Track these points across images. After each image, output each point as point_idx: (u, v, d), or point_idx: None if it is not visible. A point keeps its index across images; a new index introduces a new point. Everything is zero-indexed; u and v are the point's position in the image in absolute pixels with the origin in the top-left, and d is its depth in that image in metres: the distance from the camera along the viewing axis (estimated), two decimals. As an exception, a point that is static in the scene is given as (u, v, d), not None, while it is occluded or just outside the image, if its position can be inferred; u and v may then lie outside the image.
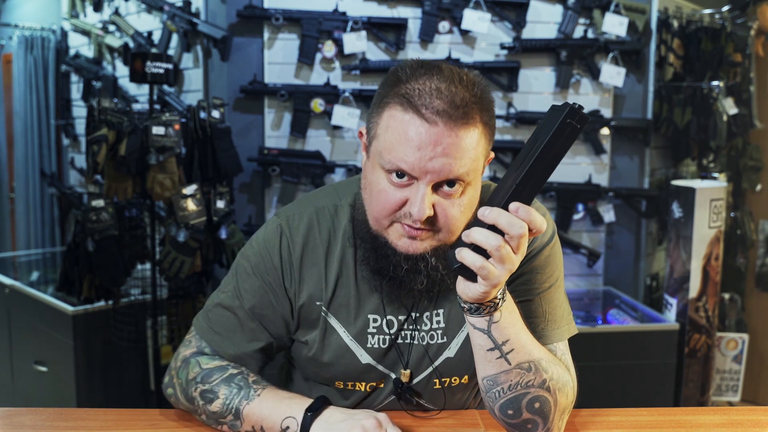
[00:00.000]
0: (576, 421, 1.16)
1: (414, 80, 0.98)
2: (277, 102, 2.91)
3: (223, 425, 1.09)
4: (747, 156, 3.53)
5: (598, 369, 2.69)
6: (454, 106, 0.95)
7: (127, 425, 1.13)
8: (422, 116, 0.96)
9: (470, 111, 0.97)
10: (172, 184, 2.49)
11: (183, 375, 1.14)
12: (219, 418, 1.09)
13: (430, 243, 1.02)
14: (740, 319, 3.45)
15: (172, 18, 2.98)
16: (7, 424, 1.13)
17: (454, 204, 1.00)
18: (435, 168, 0.96)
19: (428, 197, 0.98)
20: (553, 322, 1.11)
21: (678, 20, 3.17)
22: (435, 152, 0.95)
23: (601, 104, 3.07)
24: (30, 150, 4.00)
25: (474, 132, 0.98)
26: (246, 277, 1.15)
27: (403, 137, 0.97)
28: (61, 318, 2.71)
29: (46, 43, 3.91)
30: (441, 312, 1.14)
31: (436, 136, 0.95)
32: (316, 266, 1.13)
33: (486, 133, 1.01)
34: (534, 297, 1.11)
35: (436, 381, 1.16)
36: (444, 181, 0.98)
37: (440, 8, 2.91)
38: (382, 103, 1.01)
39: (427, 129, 0.96)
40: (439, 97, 0.96)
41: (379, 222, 1.03)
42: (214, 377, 1.10)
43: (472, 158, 0.98)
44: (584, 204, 3.05)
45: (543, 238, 1.13)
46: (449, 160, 0.96)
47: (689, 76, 3.22)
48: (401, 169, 0.98)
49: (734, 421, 1.16)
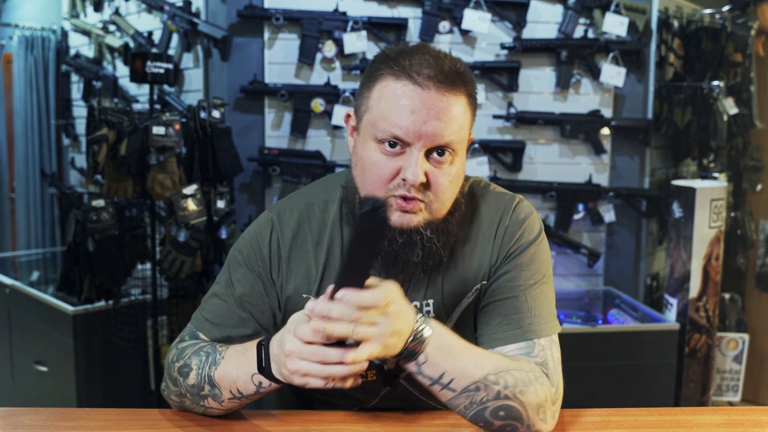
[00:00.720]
0: (576, 421, 1.16)
1: (402, 55, 1.03)
2: (277, 102, 2.91)
3: (206, 399, 1.10)
4: (747, 156, 3.53)
5: (598, 369, 2.69)
6: (443, 74, 1.01)
7: (127, 425, 1.13)
8: (415, 82, 1.01)
9: (457, 80, 1.03)
10: (173, 184, 2.49)
11: (166, 361, 1.17)
12: (199, 392, 1.09)
13: (424, 216, 1.06)
14: (740, 319, 3.45)
15: (172, 18, 2.98)
16: (7, 424, 1.13)
17: (445, 173, 1.05)
18: (428, 132, 1.01)
19: (422, 161, 1.02)
20: (539, 317, 1.12)
21: (678, 20, 3.17)
22: (428, 115, 1.00)
23: (602, 104, 3.07)
24: (30, 150, 4.00)
25: (462, 100, 1.04)
26: (237, 268, 1.18)
27: (397, 103, 1.01)
28: (61, 318, 2.71)
29: (46, 43, 3.91)
30: (431, 302, 1.15)
31: (429, 100, 1.00)
32: (304, 260, 1.16)
33: (471, 105, 1.07)
34: (519, 294, 1.12)
35: None
36: (435, 148, 1.03)
37: (440, 8, 2.91)
38: (373, 77, 1.05)
39: (420, 93, 1.01)
40: (429, 66, 1.01)
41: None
42: (186, 352, 1.13)
43: (460, 126, 1.04)
44: (584, 204, 3.05)
45: (529, 236, 1.14)
46: (441, 124, 1.01)
47: (689, 76, 3.21)
48: (395, 136, 1.01)
49: (734, 421, 1.16)
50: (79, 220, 2.57)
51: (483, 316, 1.14)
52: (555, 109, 3.04)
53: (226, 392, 1.07)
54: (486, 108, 3.01)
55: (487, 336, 1.12)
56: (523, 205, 1.17)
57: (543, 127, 3.04)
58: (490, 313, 1.13)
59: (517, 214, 1.15)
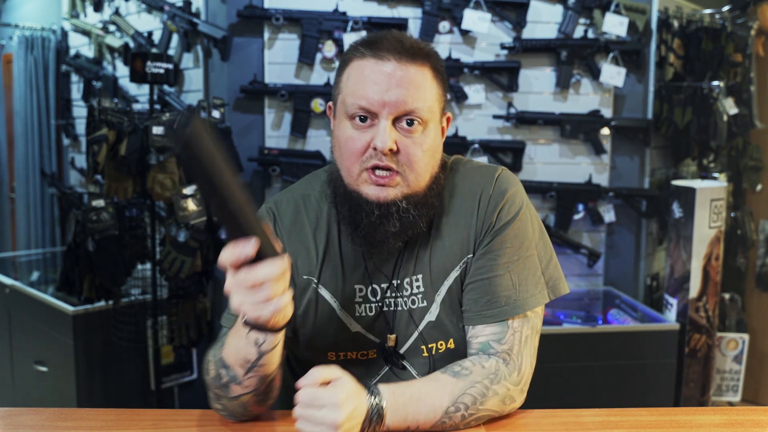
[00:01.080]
0: (576, 422, 1.16)
1: (368, 39, 1.12)
2: (277, 102, 2.91)
3: (228, 388, 1.08)
4: (747, 156, 3.53)
5: (598, 369, 2.69)
6: (403, 47, 1.09)
7: (127, 425, 1.13)
8: (376, 56, 1.08)
9: (418, 53, 1.09)
10: (173, 184, 2.50)
11: (207, 378, 1.15)
12: (221, 383, 1.09)
13: (401, 189, 1.10)
14: (740, 319, 3.45)
15: (172, 18, 2.98)
16: (7, 424, 1.13)
17: (415, 142, 1.09)
18: (391, 99, 1.06)
19: (390, 129, 1.07)
20: (524, 291, 1.15)
21: (678, 20, 3.17)
22: (390, 84, 1.07)
23: (602, 104, 3.07)
24: (30, 150, 4.00)
25: (425, 71, 1.10)
26: None
27: (362, 78, 1.08)
28: (61, 318, 2.71)
29: (46, 43, 3.91)
30: (420, 277, 1.18)
31: (389, 70, 1.07)
32: (304, 243, 1.19)
33: (437, 79, 1.12)
34: (504, 272, 1.14)
35: (423, 348, 1.19)
36: (402, 116, 1.08)
37: (440, 8, 2.91)
38: (343, 63, 1.13)
39: (381, 65, 1.08)
40: (390, 43, 1.09)
41: (351, 172, 1.11)
42: (209, 354, 1.14)
43: (425, 96, 1.09)
44: (584, 204, 3.05)
45: (511, 208, 1.16)
46: (403, 91, 1.07)
47: (689, 76, 3.21)
48: (362, 107, 1.07)
49: (734, 421, 1.16)
50: (79, 220, 2.57)
51: (469, 293, 1.16)
52: (555, 109, 3.04)
53: (239, 369, 1.06)
54: (486, 108, 3.01)
55: (472, 314, 1.16)
56: (505, 175, 1.19)
57: (543, 127, 3.04)
58: (476, 290, 1.15)
59: (499, 185, 1.17)
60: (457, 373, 1.10)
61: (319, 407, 0.97)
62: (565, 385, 2.61)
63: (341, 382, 1.00)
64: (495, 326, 1.14)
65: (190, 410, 1.20)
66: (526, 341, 1.15)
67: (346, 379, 1.01)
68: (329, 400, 0.97)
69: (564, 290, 1.20)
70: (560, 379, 2.60)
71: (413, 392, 1.06)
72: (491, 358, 1.12)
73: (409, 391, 1.06)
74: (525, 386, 1.15)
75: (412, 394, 1.06)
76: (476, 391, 1.08)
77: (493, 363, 1.11)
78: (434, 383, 1.08)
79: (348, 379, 1.01)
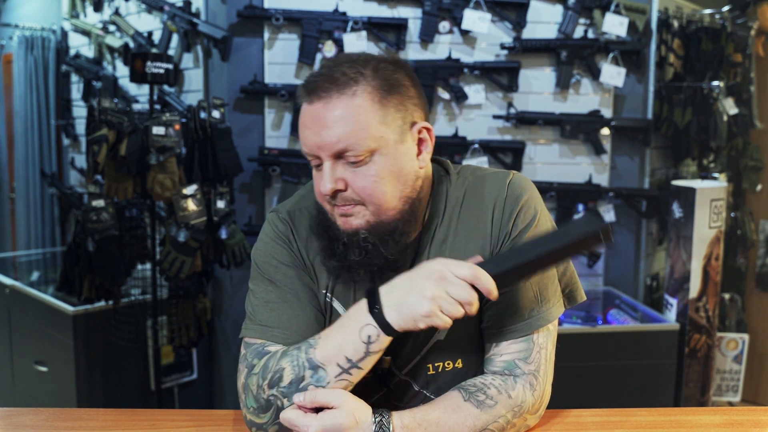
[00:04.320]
0: (576, 421, 1.16)
1: (310, 77, 1.07)
2: (277, 102, 2.91)
3: (308, 390, 1.04)
4: (747, 156, 3.53)
5: (598, 369, 2.69)
6: (330, 80, 1.04)
7: (127, 425, 1.13)
8: (308, 99, 1.05)
9: (348, 83, 1.04)
10: (173, 184, 2.49)
11: (250, 400, 1.06)
12: (299, 385, 1.02)
13: (365, 219, 1.07)
14: (740, 319, 3.45)
15: (172, 18, 2.98)
16: (7, 424, 1.13)
17: (364, 175, 1.05)
18: (321, 142, 1.04)
19: (331, 172, 1.05)
20: (546, 302, 1.12)
21: (678, 20, 3.17)
22: (318, 126, 1.04)
23: (602, 104, 3.07)
24: (30, 150, 4.00)
25: (354, 101, 1.03)
26: (273, 270, 1.14)
27: (301, 123, 1.07)
28: (61, 318, 2.71)
29: (46, 43, 3.91)
30: None
31: (315, 112, 1.04)
32: (318, 256, 1.15)
33: (378, 101, 1.04)
34: (524, 283, 1.10)
35: (429, 366, 1.16)
36: (342, 153, 1.04)
37: (440, 8, 2.91)
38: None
39: (310, 109, 1.05)
40: (323, 79, 1.04)
41: (326, 209, 1.11)
42: (270, 365, 1.05)
43: (358, 128, 1.03)
44: (584, 204, 3.05)
45: (527, 215, 1.12)
46: (330, 131, 1.03)
47: (689, 76, 3.21)
48: (307, 153, 1.07)
49: (734, 421, 1.16)
50: (79, 220, 2.57)
51: (490, 308, 1.12)
52: (555, 109, 3.04)
53: (333, 368, 1.02)
54: (486, 108, 3.01)
55: (495, 330, 1.11)
56: (517, 179, 1.15)
57: (543, 128, 3.04)
58: (497, 305, 1.10)
59: (512, 191, 1.13)
60: (481, 403, 1.06)
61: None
62: (565, 385, 2.60)
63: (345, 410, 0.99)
64: (520, 343, 1.10)
65: (190, 410, 1.20)
66: (550, 358, 1.13)
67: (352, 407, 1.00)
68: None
69: (581, 298, 1.18)
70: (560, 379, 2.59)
71: (431, 419, 1.03)
72: (518, 383, 1.09)
73: (426, 419, 1.03)
74: (542, 411, 1.13)
75: (429, 425, 1.03)
76: (498, 426, 1.06)
77: (519, 391, 1.08)
78: (455, 414, 1.04)
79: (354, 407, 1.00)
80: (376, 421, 1.00)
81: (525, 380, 1.09)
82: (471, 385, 1.08)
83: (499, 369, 1.10)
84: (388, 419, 1.00)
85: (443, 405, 1.05)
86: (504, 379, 1.09)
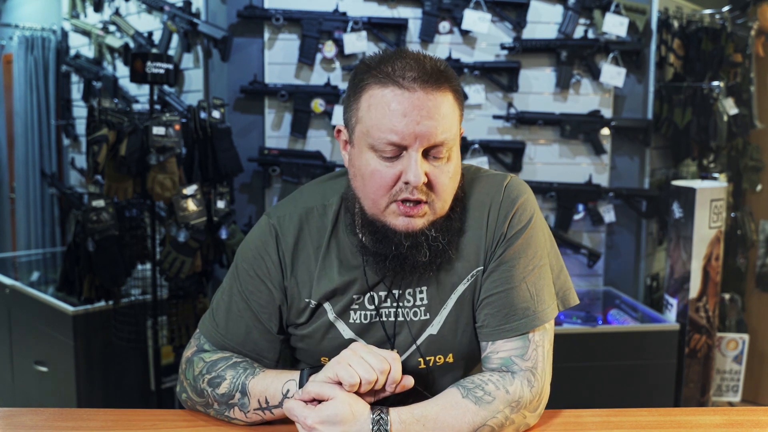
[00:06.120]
0: (576, 421, 1.16)
1: (383, 62, 1.05)
2: (277, 102, 2.91)
3: (232, 408, 1.12)
4: (747, 156, 3.53)
5: (598, 369, 2.69)
6: (426, 74, 1.03)
7: (127, 425, 1.13)
8: (400, 86, 1.02)
9: (440, 78, 1.04)
10: (173, 184, 2.49)
11: (189, 374, 1.18)
12: (228, 400, 1.12)
13: (428, 218, 1.08)
14: (740, 320, 3.45)
15: (172, 18, 2.98)
16: (7, 424, 1.13)
17: (444, 171, 1.06)
18: (423, 131, 1.02)
19: (421, 162, 1.03)
20: (541, 302, 1.12)
21: (678, 20, 3.17)
22: (420, 116, 1.02)
23: (602, 104, 3.07)
24: (30, 150, 4.00)
25: (448, 96, 1.06)
26: (248, 279, 1.18)
27: (387, 110, 1.03)
28: (61, 318, 2.71)
29: (46, 43, 3.92)
30: (425, 289, 1.16)
31: (417, 101, 1.02)
32: (306, 264, 1.17)
33: (457, 101, 1.08)
34: (519, 283, 1.11)
35: (421, 360, 1.17)
36: (431, 147, 1.04)
37: (440, 8, 2.91)
38: (358, 89, 1.07)
39: (408, 96, 1.02)
40: (411, 69, 1.03)
41: (377, 204, 1.07)
42: (219, 365, 1.15)
43: (451, 123, 1.05)
44: (584, 204, 3.05)
45: (522, 217, 1.13)
46: (434, 122, 1.03)
47: (689, 76, 3.22)
48: (391, 141, 1.03)
49: (734, 421, 1.16)
50: (79, 221, 2.57)
51: (485, 308, 1.13)
52: (555, 109, 3.04)
53: (254, 401, 1.10)
54: (486, 108, 3.01)
55: (490, 329, 1.12)
56: (514, 182, 1.16)
57: (543, 128, 3.04)
58: (492, 304, 1.12)
59: (508, 193, 1.15)
60: (479, 399, 1.05)
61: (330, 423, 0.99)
62: (565, 385, 2.61)
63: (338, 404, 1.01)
64: (516, 341, 1.11)
65: (189, 410, 1.20)
66: (547, 356, 1.13)
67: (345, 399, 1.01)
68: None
69: (574, 301, 1.18)
70: (560, 379, 2.59)
71: (430, 415, 1.03)
72: (516, 378, 1.09)
73: (424, 415, 1.03)
74: (542, 409, 1.13)
75: (428, 421, 1.03)
76: (496, 422, 1.06)
77: (517, 387, 1.08)
78: (453, 410, 1.04)
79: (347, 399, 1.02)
80: (374, 417, 1.01)
81: (522, 376, 1.09)
82: (469, 381, 1.09)
83: (496, 366, 1.11)
84: (386, 415, 1.01)
85: (441, 401, 1.06)
86: (502, 375, 1.09)
